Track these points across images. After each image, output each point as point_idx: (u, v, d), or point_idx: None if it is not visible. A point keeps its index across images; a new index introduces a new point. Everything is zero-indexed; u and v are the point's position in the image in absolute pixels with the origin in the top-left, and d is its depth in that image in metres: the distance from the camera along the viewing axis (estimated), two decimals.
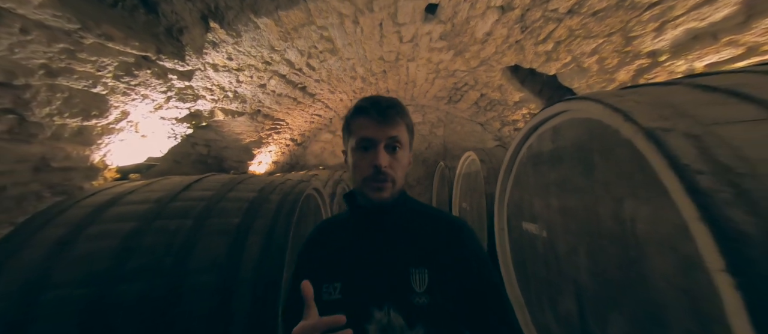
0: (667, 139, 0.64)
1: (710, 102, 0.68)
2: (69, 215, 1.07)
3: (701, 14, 1.27)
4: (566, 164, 1.14)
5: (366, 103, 0.57)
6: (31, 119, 1.07)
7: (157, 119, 1.75)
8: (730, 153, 0.57)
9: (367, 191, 0.56)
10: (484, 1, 1.82)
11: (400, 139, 0.56)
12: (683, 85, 0.78)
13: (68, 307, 0.88)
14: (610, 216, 0.89)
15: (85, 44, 1.09)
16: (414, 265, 0.54)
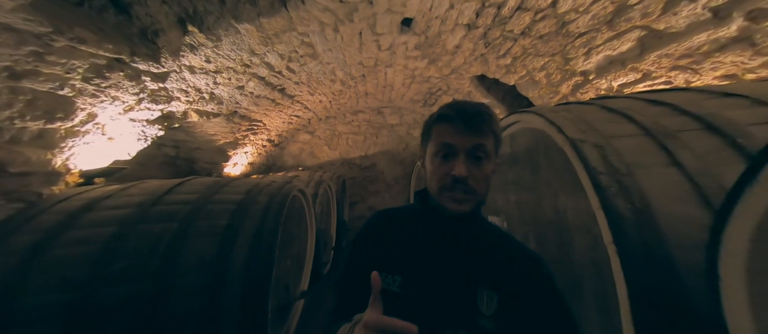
0: (583, 148, 0.87)
1: (609, 120, 0.92)
2: (40, 222, 1.01)
3: (613, 45, 1.60)
4: (520, 165, 1.37)
5: (450, 111, 0.52)
6: None
7: (126, 121, 1.67)
8: (617, 159, 0.80)
9: (443, 201, 0.52)
10: (452, 19, 2.04)
11: (485, 149, 0.51)
12: (595, 105, 1.02)
13: (50, 311, 0.87)
14: (550, 208, 1.12)
15: (55, 47, 1.04)
16: (483, 285, 0.50)
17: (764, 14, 0.98)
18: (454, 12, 1.94)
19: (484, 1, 1.77)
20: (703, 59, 1.35)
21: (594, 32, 1.65)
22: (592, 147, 0.86)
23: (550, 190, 1.13)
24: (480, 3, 1.79)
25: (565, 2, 1.56)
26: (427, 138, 0.57)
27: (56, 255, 0.97)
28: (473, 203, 0.52)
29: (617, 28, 1.53)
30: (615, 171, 0.78)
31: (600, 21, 1.57)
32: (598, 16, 1.55)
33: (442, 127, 0.53)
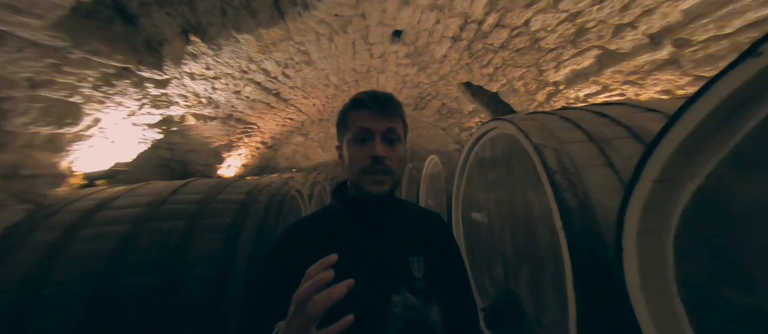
0: (544, 152, 1.04)
1: (565, 128, 1.10)
2: (57, 221, 1.09)
3: (577, 61, 1.83)
4: (499, 166, 1.55)
5: (364, 97, 0.56)
6: (6, 128, 1.07)
7: (128, 125, 1.73)
8: (569, 161, 0.98)
9: (364, 184, 0.55)
10: (439, 32, 2.22)
11: (397, 132, 0.56)
12: (556, 115, 1.21)
13: (72, 300, 0.95)
14: (521, 204, 1.30)
15: (71, 58, 1.12)
16: (411, 253, 0.56)
17: (686, 43, 1.20)
18: (441, 26, 2.12)
19: (466, 18, 1.96)
20: (645, 76, 1.58)
21: (561, 49, 1.87)
22: (551, 151, 1.04)
23: (521, 187, 1.31)
24: (463, 19, 1.98)
25: (535, 22, 1.77)
26: (343, 127, 0.59)
27: (75, 250, 1.05)
28: (391, 183, 0.57)
29: (579, 47, 1.75)
30: (566, 171, 0.96)
31: (565, 39, 1.78)
32: (563, 35, 1.76)
33: (358, 113, 0.56)
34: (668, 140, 0.54)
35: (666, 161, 0.55)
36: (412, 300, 0.47)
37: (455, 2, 1.79)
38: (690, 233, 0.54)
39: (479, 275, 1.80)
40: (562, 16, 1.62)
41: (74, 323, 0.95)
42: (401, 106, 0.59)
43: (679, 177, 0.55)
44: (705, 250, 0.51)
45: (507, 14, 1.81)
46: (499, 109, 3.43)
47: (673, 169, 0.55)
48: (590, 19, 1.54)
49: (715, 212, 0.50)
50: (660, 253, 0.58)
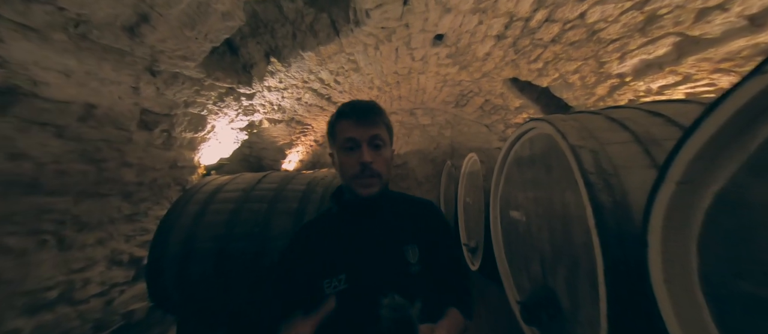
0: (580, 153, 1.07)
1: (608, 129, 1.09)
2: (197, 199, 1.62)
3: (648, 50, 1.65)
4: (537, 166, 1.56)
5: (346, 109, 0.62)
6: (173, 134, 1.63)
7: (228, 130, 2.31)
8: (608, 162, 1.00)
9: (356, 188, 0.61)
10: (482, 32, 2.24)
11: (381, 137, 0.61)
12: (601, 115, 1.19)
13: (208, 252, 1.42)
14: (559, 203, 1.31)
15: (205, 85, 1.63)
16: (406, 242, 0.62)
17: None
18: (483, 26, 2.15)
19: (511, 17, 1.95)
20: (744, 63, 1.35)
21: (626, 38, 1.70)
22: (588, 152, 1.06)
23: (559, 187, 1.32)
24: (508, 18, 1.98)
25: (592, 14, 1.67)
26: (333, 138, 0.65)
27: (207, 220, 1.54)
28: (380, 185, 0.62)
29: (650, 35, 1.58)
30: (603, 172, 0.99)
31: (631, 28, 1.63)
32: (628, 25, 1.62)
33: (343, 123, 0.62)
34: (689, 145, 0.59)
35: (688, 164, 0.59)
36: (398, 300, 0.51)
37: (499, 3, 1.82)
38: (711, 232, 0.58)
39: (517, 273, 1.82)
40: (626, 5, 1.50)
41: (210, 267, 1.43)
42: (383, 113, 0.65)
43: (701, 179, 0.59)
44: (725, 247, 0.55)
45: (557, 9, 1.75)
46: (551, 105, 3.19)
47: (695, 171, 0.59)
48: (663, 5, 1.39)
49: (733, 213, 0.54)
50: (683, 250, 0.63)
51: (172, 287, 1.40)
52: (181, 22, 1.18)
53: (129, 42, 1.10)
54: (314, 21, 2.03)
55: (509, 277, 1.91)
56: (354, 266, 0.58)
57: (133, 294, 1.57)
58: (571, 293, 1.19)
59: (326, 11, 1.99)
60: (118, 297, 1.48)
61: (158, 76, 1.33)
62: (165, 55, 1.27)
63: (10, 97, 0.87)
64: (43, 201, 1.11)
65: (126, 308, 1.50)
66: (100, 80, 1.11)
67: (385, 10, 1.84)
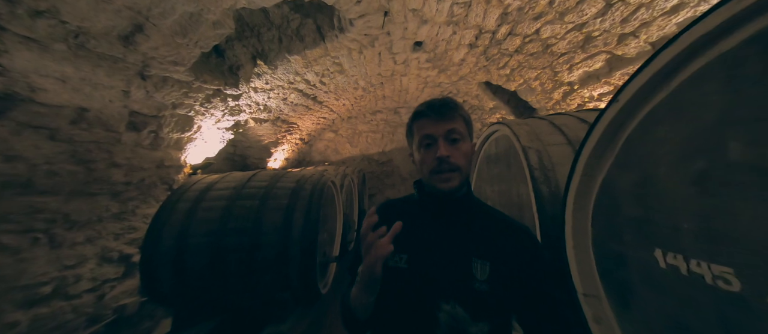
0: (528, 153, 1.31)
1: (550, 132, 1.34)
2: (188, 196, 1.68)
3: (588, 64, 1.95)
4: (501, 163, 1.80)
5: (422, 108, 0.62)
6: (160, 135, 1.67)
7: (214, 130, 2.34)
8: (548, 160, 1.24)
9: (435, 182, 0.60)
10: (456, 41, 2.46)
11: (458, 131, 0.60)
12: (546, 121, 1.44)
13: (202, 247, 1.52)
14: (515, 195, 1.56)
15: (193, 87, 1.68)
16: (477, 256, 0.57)
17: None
18: (457, 36, 2.36)
19: (480, 29, 2.18)
20: None
21: (572, 53, 2.00)
22: (534, 152, 1.30)
23: (515, 180, 1.57)
24: (477, 30, 2.20)
25: (545, 31, 1.93)
26: (411, 136, 0.66)
27: (199, 216, 1.62)
28: (459, 178, 0.60)
29: (589, 52, 1.88)
30: (545, 168, 1.23)
31: (575, 45, 1.92)
32: (572, 42, 1.90)
33: (420, 122, 0.62)
34: (586, 148, 0.81)
35: (586, 162, 0.82)
36: (460, 311, 0.48)
37: (469, 17, 2.03)
38: (597, 210, 0.81)
39: None
40: (569, 26, 1.78)
41: (205, 261, 1.52)
42: (459, 106, 0.63)
43: (595, 168, 0.82)
44: (603, 220, 0.79)
45: (518, 25, 2.00)
46: (520, 106, 3.52)
47: (590, 166, 0.82)
48: (595, 28, 1.69)
49: (608, 196, 0.77)
50: (583, 224, 0.86)
51: (167, 281, 1.48)
52: (174, 31, 1.26)
53: (123, 50, 1.16)
54: (300, 26, 2.13)
55: None
56: (417, 252, 0.58)
57: (124, 289, 1.62)
58: None
59: (312, 17, 2.10)
60: (110, 292, 1.52)
61: (148, 80, 1.39)
62: (156, 61, 1.34)
63: (8, 102, 0.92)
64: (36, 201, 1.14)
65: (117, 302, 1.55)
66: (93, 85, 1.17)
67: (368, 19, 1.99)
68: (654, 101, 0.63)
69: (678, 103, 0.58)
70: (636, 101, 0.67)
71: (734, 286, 0.47)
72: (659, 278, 0.62)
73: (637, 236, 0.67)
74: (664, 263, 0.61)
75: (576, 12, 1.63)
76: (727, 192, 0.48)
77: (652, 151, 0.64)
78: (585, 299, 0.84)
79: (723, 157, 0.48)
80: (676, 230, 0.57)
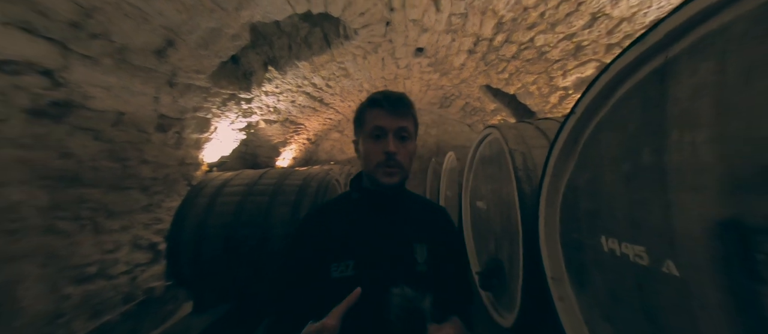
0: (514, 155, 1.43)
1: (535, 136, 1.47)
2: (206, 192, 1.87)
3: (580, 70, 2.05)
4: (494, 164, 1.92)
5: (379, 96, 0.61)
6: (183, 135, 1.87)
7: (229, 130, 2.54)
8: (532, 161, 1.36)
9: (378, 176, 0.60)
10: (456, 47, 2.59)
11: (408, 130, 0.61)
12: (532, 125, 1.56)
13: (218, 237, 1.70)
14: (506, 193, 1.68)
15: (211, 92, 1.87)
16: (416, 240, 0.61)
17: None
18: (456, 43, 2.49)
19: (478, 37, 2.30)
20: None
21: (565, 60, 2.10)
22: (519, 154, 1.43)
23: (506, 180, 1.70)
24: (475, 38, 2.33)
25: (538, 39, 2.04)
26: (360, 124, 0.64)
27: (216, 210, 1.81)
28: (401, 175, 0.62)
29: (580, 59, 1.99)
30: (528, 168, 1.36)
31: (567, 53, 2.03)
32: (565, 50, 2.01)
33: (373, 112, 0.61)
34: (554, 152, 0.94)
35: (555, 162, 0.95)
36: (409, 291, 0.51)
37: (467, 26, 2.16)
38: (564, 206, 0.94)
39: (480, 251, 2.21)
40: (560, 36, 1.90)
41: (220, 249, 1.70)
42: (412, 106, 0.64)
43: (562, 169, 0.95)
44: (568, 215, 0.92)
45: (513, 34, 2.12)
46: (520, 108, 3.61)
47: (558, 164, 0.95)
48: (584, 38, 1.79)
49: (572, 193, 0.90)
50: (553, 219, 0.99)
51: (188, 267, 1.67)
52: (198, 44, 1.44)
53: (156, 61, 1.35)
54: (308, 34, 2.30)
55: (474, 255, 2.30)
56: (363, 254, 0.58)
57: (152, 274, 1.82)
58: (512, 260, 1.57)
59: (319, 26, 2.26)
60: (140, 275, 1.73)
61: (175, 87, 1.58)
62: (182, 71, 1.52)
63: (66, 109, 1.10)
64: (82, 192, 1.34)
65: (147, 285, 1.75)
66: (131, 92, 1.36)
67: (371, 29, 2.14)
68: (600, 114, 0.76)
69: (614, 117, 0.71)
70: (588, 113, 0.79)
71: (644, 260, 0.60)
72: (603, 259, 0.74)
73: (590, 226, 0.80)
74: (606, 247, 0.73)
75: (565, 23, 1.74)
76: (642, 188, 0.61)
77: (599, 155, 0.77)
78: (552, 282, 0.97)
79: (639, 161, 0.61)
80: (613, 219, 0.70)
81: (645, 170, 0.60)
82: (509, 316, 1.51)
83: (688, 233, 0.52)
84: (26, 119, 0.96)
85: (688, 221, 0.52)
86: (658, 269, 0.57)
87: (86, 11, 0.91)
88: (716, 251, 0.47)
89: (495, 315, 1.75)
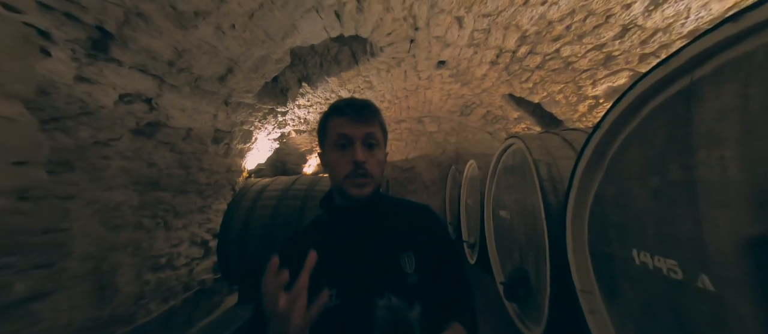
0: (539, 166, 1.45)
1: (561, 147, 1.47)
2: (248, 196, 2.10)
3: (611, 80, 2.00)
4: (517, 173, 1.93)
5: (341, 104, 0.57)
6: (231, 146, 2.13)
7: (266, 140, 2.81)
8: (557, 173, 1.37)
9: (347, 188, 0.56)
10: (477, 59, 2.64)
11: (375, 137, 0.57)
12: (558, 136, 1.57)
13: (258, 237, 1.89)
14: (529, 203, 1.68)
15: (255, 108, 2.12)
16: (401, 250, 0.57)
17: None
18: (478, 55, 2.55)
19: (501, 49, 2.35)
20: None
21: (594, 70, 2.07)
22: (544, 165, 1.45)
23: (530, 190, 1.70)
24: (498, 50, 2.37)
25: (565, 50, 2.04)
26: (324, 135, 0.60)
27: (257, 213, 2.01)
28: (372, 186, 0.57)
29: (611, 69, 1.95)
30: (553, 179, 1.37)
31: (596, 63, 2.00)
32: (594, 60, 1.99)
33: (337, 120, 0.57)
34: (580, 165, 0.97)
35: (581, 177, 0.98)
36: (395, 302, 0.48)
37: (489, 40, 2.22)
38: (592, 217, 0.96)
39: (503, 261, 2.19)
40: (588, 47, 1.88)
41: (260, 247, 1.89)
42: (379, 112, 0.60)
43: (589, 181, 0.97)
44: (596, 226, 0.94)
45: (537, 45, 2.13)
46: (545, 117, 3.52)
47: (585, 180, 0.97)
48: (615, 49, 1.77)
49: (599, 205, 0.92)
50: (581, 230, 1.01)
51: (235, 262, 1.87)
52: (250, 69, 1.67)
53: (218, 86, 1.59)
54: (338, 53, 2.51)
55: (498, 264, 2.27)
56: (345, 280, 0.54)
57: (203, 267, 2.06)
58: (538, 271, 1.56)
59: (348, 45, 2.46)
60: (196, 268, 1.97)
61: (229, 105, 1.82)
62: (236, 92, 1.76)
63: (156, 127, 1.36)
64: (159, 195, 1.60)
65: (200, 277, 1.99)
66: (198, 112, 1.61)
67: (396, 46, 2.28)
68: (627, 129, 0.79)
69: (641, 133, 0.73)
70: (615, 128, 0.83)
71: (678, 275, 0.62)
72: (634, 272, 0.76)
73: (619, 238, 0.82)
74: (638, 260, 0.75)
75: (593, 35, 1.74)
76: (671, 203, 0.63)
77: (627, 169, 0.79)
78: (582, 294, 0.98)
79: (667, 176, 0.64)
80: (643, 233, 0.72)
81: (674, 185, 0.63)
82: (536, 328, 1.49)
83: (721, 247, 0.54)
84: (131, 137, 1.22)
85: (720, 236, 0.54)
86: (693, 284, 0.59)
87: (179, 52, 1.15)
88: (749, 266, 0.50)
89: (521, 327, 1.72)
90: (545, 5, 1.59)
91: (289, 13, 1.44)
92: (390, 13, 1.79)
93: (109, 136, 1.20)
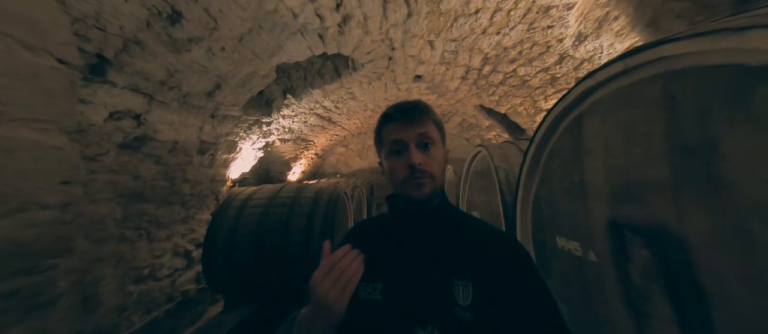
0: (498, 171, 1.70)
1: (516, 154, 1.74)
2: (234, 205, 2.15)
3: (558, 96, 2.35)
4: (485, 177, 2.19)
5: (391, 110, 0.57)
6: (216, 157, 2.18)
7: (250, 150, 2.86)
8: (513, 176, 1.63)
9: (407, 191, 0.55)
10: (450, 74, 2.93)
11: (430, 136, 0.56)
12: (514, 145, 1.84)
13: (246, 244, 1.95)
14: (494, 205, 1.93)
15: (241, 119, 2.20)
16: (457, 277, 0.50)
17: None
18: (450, 71, 2.84)
19: (468, 67, 2.64)
20: None
21: (544, 87, 2.42)
22: (503, 170, 1.70)
23: (493, 192, 1.96)
24: (466, 68, 2.67)
25: (520, 70, 2.37)
26: (380, 143, 0.60)
27: (243, 220, 2.08)
28: (431, 186, 0.55)
29: (557, 87, 2.30)
30: (510, 182, 1.62)
31: (545, 82, 2.35)
32: (543, 80, 2.33)
33: (389, 127, 0.57)
34: (523, 169, 1.21)
35: (525, 176, 1.22)
36: None
37: (458, 59, 2.51)
38: (534, 212, 1.20)
39: None
40: (537, 69, 2.22)
41: (248, 255, 1.95)
42: (430, 110, 0.58)
43: (530, 183, 1.21)
44: (537, 220, 1.17)
45: (498, 65, 2.45)
46: (512, 126, 3.91)
47: (527, 179, 1.21)
48: (557, 71, 2.12)
49: (538, 201, 1.16)
50: (526, 224, 1.24)
51: (221, 270, 1.91)
52: (237, 85, 1.77)
53: (205, 101, 1.67)
54: (321, 67, 2.66)
55: None
56: (392, 280, 0.52)
57: (187, 278, 2.06)
58: None
59: (331, 60, 2.63)
60: (178, 279, 1.97)
61: (216, 118, 1.90)
62: (222, 105, 1.85)
63: (143, 141, 1.41)
64: (143, 207, 1.62)
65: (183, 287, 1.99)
66: (185, 125, 1.67)
67: (376, 63, 2.49)
68: (551, 142, 1.04)
69: (559, 145, 0.98)
70: (544, 141, 1.07)
71: (579, 252, 0.85)
72: (558, 254, 0.99)
73: (550, 229, 1.05)
74: (559, 244, 0.98)
75: (539, 60, 2.07)
76: (575, 199, 0.87)
77: (552, 173, 1.03)
78: None
79: (572, 179, 0.88)
80: (562, 223, 0.96)
81: (576, 185, 0.87)
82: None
83: (598, 230, 0.77)
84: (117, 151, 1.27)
85: (598, 222, 0.78)
86: (586, 258, 0.82)
87: (171, 72, 1.24)
88: (609, 241, 0.73)
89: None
90: (500, 35, 1.88)
91: (276, 35, 1.58)
92: (369, 36, 1.99)
93: (97, 151, 1.25)
